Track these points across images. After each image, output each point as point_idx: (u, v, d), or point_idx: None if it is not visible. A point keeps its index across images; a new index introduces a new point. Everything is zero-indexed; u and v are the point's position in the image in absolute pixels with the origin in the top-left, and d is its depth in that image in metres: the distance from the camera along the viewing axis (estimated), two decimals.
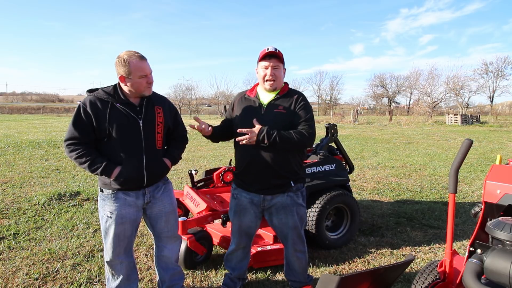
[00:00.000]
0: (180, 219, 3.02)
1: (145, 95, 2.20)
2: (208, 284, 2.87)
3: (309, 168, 3.49)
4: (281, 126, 2.29)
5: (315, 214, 3.31)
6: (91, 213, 4.54)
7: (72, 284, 2.82)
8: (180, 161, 2.50)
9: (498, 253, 1.71)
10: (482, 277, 1.76)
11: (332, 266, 3.16)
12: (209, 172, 4.28)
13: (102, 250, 3.22)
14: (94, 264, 3.15)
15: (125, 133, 2.13)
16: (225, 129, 2.54)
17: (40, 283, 2.82)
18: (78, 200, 5.10)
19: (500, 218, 1.84)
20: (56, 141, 11.59)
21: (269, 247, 3.06)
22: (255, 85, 2.51)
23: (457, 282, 1.92)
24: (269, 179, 2.35)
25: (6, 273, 2.96)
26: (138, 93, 2.17)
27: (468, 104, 42.88)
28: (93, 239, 3.70)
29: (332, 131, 4.00)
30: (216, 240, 3.29)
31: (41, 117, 34.34)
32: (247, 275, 2.87)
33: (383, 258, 3.36)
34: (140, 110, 2.20)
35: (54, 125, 20.13)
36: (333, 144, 4.15)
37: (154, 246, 2.50)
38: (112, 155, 2.15)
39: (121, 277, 2.30)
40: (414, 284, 2.10)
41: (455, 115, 30.18)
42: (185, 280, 2.80)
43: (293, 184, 2.40)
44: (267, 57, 2.32)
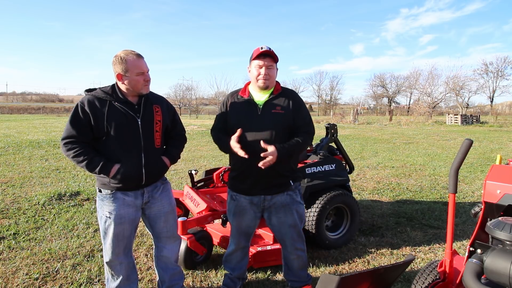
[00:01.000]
0: (180, 219, 3.02)
1: (142, 93, 2.19)
2: (208, 284, 2.87)
3: (309, 168, 3.48)
4: (281, 127, 2.31)
5: (315, 214, 3.31)
6: (91, 213, 4.54)
7: (72, 284, 2.82)
8: (180, 161, 2.51)
9: (498, 253, 1.71)
10: (482, 277, 1.76)
11: (332, 266, 3.16)
12: (209, 172, 4.28)
13: (102, 250, 3.21)
14: (94, 264, 3.14)
15: (123, 131, 2.13)
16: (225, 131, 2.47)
17: (40, 283, 2.82)
18: (78, 200, 5.10)
19: (500, 218, 1.84)
20: (56, 141, 11.58)
21: (269, 247, 3.06)
22: (246, 85, 2.48)
23: (457, 282, 1.92)
24: (271, 179, 2.35)
25: (6, 273, 2.96)
26: (136, 91, 2.16)
27: (468, 104, 42.91)
28: (93, 239, 3.70)
29: (332, 131, 4.00)
30: (216, 240, 3.29)
31: (41, 117, 34.35)
32: (247, 274, 2.87)
33: (383, 258, 3.36)
34: (138, 108, 2.20)
35: (54, 125, 20.13)
36: (333, 144, 4.15)
37: (154, 246, 2.50)
38: (110, 153, 2.14)
39: (121, 277, 2.30)
40: (414, 284, 2.10)
41: (455, 115, 30.18)
42: (185, 280, 2.80)
43: (292, 183, 2.43)
44: (261, 56, 2.32)
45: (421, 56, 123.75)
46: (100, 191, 2.21)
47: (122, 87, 2.17)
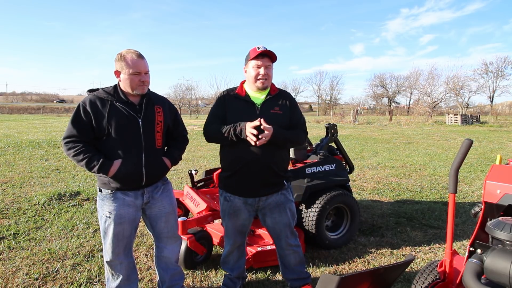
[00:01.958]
0: (180, 219, 3.02)
1: (138, 94, 2.18)
2: (208, 284, 2.87)
3: (309, 168, 3.48)
4: (279, 127, 2.31)
5: (315, 214, 3.31)
6: (91, 213, 4.54)
7: (72, 284, 2.82)
8: (180, 161, 2.50)
9: (498, 253, 1.71)
10: (482, 277, 1.76)
11: (332, 266, 3.16)
12: (209, 172, 4.28)
13: (102, 250, 3.21)
14: (94, 264, 3.14)
15: (124, 131, 2.14)
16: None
17: (40, 283, 2.82)
18: (78, 200, 5.10)
19: (500, 218, 1.84)
20: (56, 141, 11.58)
21: (269, 247, 3.06)
22: (241, 84, 2.47)
23: (457, 282, 1.92)
24: (267, 178, 2.35)
25: (6, 273, 2.96)
26: (131, 90, 2.16)
27: (468, 104, 42.92)
28: (93, 239, 3.70)
29: (332, 131, 4.00)
30: (216, 240, 3.29)
31: (41, 117, 34.34)
32: (247, 273, 2.87)
33: (383, 258, 3.36)
34: (139, 109, 2.20)
35: (54, 125, 20.13)
36: (333, 144, 4.15)
37: (154, 246, 2.50)
38: (111, 153, 2.14)
39: (121, 277, 2.30)
40: (414, 284, 2.10)
41: (455, 115, 30.19)
42: (185, 280, 2.80)
43: (286, 183, 2.46)
44: (260, 56, 2.31)
45: (421, 56, 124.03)
46: (100, 191, 2.21)
47: (121, 86, 2.18)
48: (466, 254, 1.94)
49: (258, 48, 2.31)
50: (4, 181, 6.25)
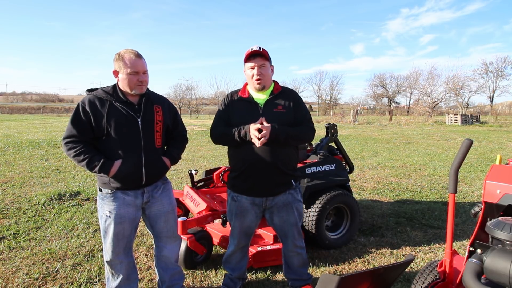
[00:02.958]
0: (180, 219, 3.02)
1: (136, 93, 2.18)
2: (208, 284, 2.87)
3: (309, 168, 3.49)
4: (283, 126, 2.31)
5: (315, 214, 3.31)
6: (91, 213, 4.54)
7: (72, 284, 2.82)
8: (180, 161, 2.50)
9: (498, 253, 1.71)
10: (482, 277, 1.76)
11: (332, 266, 3.16)
12: (209, 172, 4.28)
13: (102, 250, 3.21)
14: (94, 264, 3.15)
15: (123, 131, 2.14)
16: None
17: (40, 283, 2.82)
18: (78, 200, 5.10)
19: (500, 218, 1.84)
20: (56, 141, 11.58)
21: (269, 247, 3.06)
22: (245, 85, 2.49)
23: (457, 282, 1.92)
24: (274, 178, 2.35)
25: (6, 273, 2.96)
26: (129, 90, 2.16)
27: (468, 104, 42.94)
28: (93, 239, 3.70)
29: (332, 131, 4.00)
30: (216, 240, 3.29)
31: (41, 117, 34.35)
32: (247, 274, 2.87)
33: (383, 258, 3.36)
34: (139, 108, 2.20)
35: (54, 125, 20.13)
36: (333, 144, 4.15)
37: (154, 246, 2.50)
38: (110, 153, 2.15)
39: (121, 276, 2.30)
40: (414, 284, 2.10)
41: (455, 115, 30.19)
42: (185, 280, 2.80)
43: (294, 183, 2.44)
44: (252, 57, 2.33)
45: (422, 56, 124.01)
46: (100, 190, 2.22)
47: (120, 85, 2.18)
48: (466, 254, 1.94)
49: (252, 49, 2.32)
50: (4, 181, 6.25)
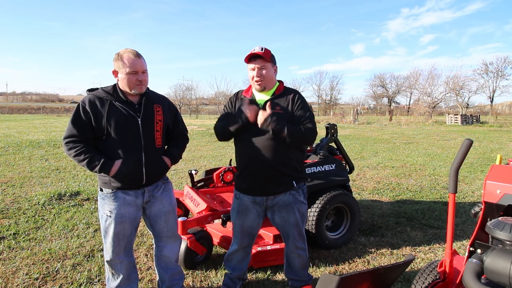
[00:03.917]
0: (180, 219, 3.02)
1: (136, 93, 2.18)
2: (208, 284, 2.87)
3: (309, 168, 3.49)
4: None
5: (315, 214, 3.31)
6: (91, 213, 4.54)
7: (72, 284, 2.82)
8: (180, 161, 2.50)
9: (498, 253, 1.71)
10: (482, 277, 1.76)
11: (332, 266, 3.16)
12: (209, 172, 4.29)
13: (102, 250, 3.21)
14: (94, 264, 3.14)
15: (123, 130, 2.14)
16: None
17: (40, 283, 2.82)
18: (78, 200, 5.10)
19: (500, 218, 1.84)
20: (56, 141, 11.58)
21: (269, 247, 3.06)
22: (250, 85, 2.51)
23: (457, 282, 1.92)
24: (273, 177, 2.36)
25: (6, 273, 2.96)
26: (129, 90, 2.16)
27: (468, 104, 42.96)
28: (93, 239, 3.70)
29: (332, 131, 4.00)
30: (216, 240, 3.29)
31: (41, 117, 34.35)
32: (247, 275, 2.87)
33: (383, 258, 3.36)
34: (139, 108, 2.20)
35: (54, 125, 20.13)
36: (333, 144, 4.15)
37: (154, 246, 2.50)
38: (111, 152, 2.15)
39: (121, 276, 2.30)
40: (414, 284, 2.10)
41: (455, 115, 30.20)
42: (185, 280, 2.80)
43: (295, 184, 2.43)
44: (252, 59, 2.33)
45: (422, 56, 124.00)
46: (101, 190, 2.22)
47: (120, 85, 2.18)
48: (466, 254, 1.94)
49: (254, 50, 2.32)
50: (4, 181, 6.25)
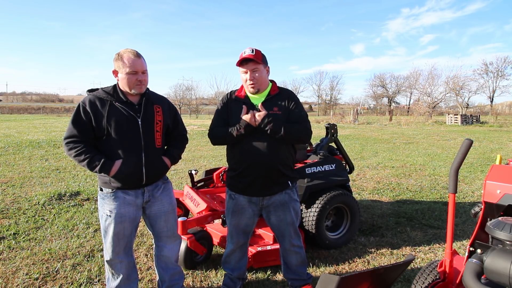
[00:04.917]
0: (180, 219, 3.02)
1: (135, 93, 2.18)
2: (208, 284, 2.87)
3: (309, 168, 3.48)
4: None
5: (315, 214, 3.31)
6: (91, 213, 4.54)
7: (72, 284, 2.82)
8: (180, 161, 2.50)
9: (498, 253, 1.71)
10: (482, 277, 1.76)
11: (332, 266, 3.16)
12: (209, 172, 4.28)
13: (102, 250, 3.21)
14: (94, 264, 3.14)
15: (123, 131, 2.14)
16: None
17: (40, 283, 2.82)
18: (78, 200, 5.10)
19: (500, 218, 1.84)
20: (56, 141, 11.58)
21: (269, 247, 3.06)
22: (242, 86, 2.47)
23: (457, 282, 1.92)
24: (272, 178, 2.36)
25: (6, 273, 2.96)
26: (129, 90, 2.17)
27: (468, 104, 42.96)
28: (93, 239, 3.70)
29: (332, 131, 4.00)
30: (216, 240, 3.29)
31: (41, 117, 34.35)
32: (247, 274, 2.87)
33: (383, 258, 3.36)
34: (139, 108, 2.20)
35: (54, 125, 20.13)
36: (333, 144, 4.15)
37: (154, 246, 2.50)
38: (111, 153, 2.15)
39: (121, 276, 2.30)
40: (414, 284, 2.10)
41: (455, 115, 30.19)
42: (185, 280, 2.80)
43: (290, 184, 2.45)
44: (244, 62, 2.31)
45: (422, 56, 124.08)
46: (101, 190, 2.22)
47: (120, 85, 2.18)
48: (466, 254, 1.94)
49: (245, 52, 2.30)
50: (4, 181, 6.25)
